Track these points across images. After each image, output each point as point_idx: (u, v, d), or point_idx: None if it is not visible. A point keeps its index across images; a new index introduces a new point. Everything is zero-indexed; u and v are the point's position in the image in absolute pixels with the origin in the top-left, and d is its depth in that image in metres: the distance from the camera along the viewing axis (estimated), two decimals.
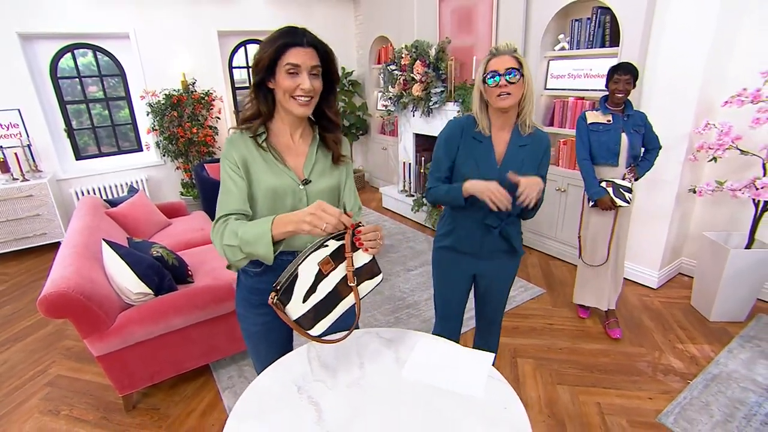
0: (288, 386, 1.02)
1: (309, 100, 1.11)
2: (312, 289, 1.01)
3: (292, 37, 1.07)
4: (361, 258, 1.07)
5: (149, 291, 2.08)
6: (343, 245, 1.04)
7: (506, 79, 1.38)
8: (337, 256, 1.04)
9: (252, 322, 1.28)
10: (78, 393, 2.27)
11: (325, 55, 1.13)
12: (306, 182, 1.17)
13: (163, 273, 2.19)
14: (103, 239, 2.14)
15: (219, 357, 2.29)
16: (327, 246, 1.02)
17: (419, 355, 1.10)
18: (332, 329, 1.10)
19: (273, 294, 0.99)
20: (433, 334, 1.40)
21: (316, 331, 1.02)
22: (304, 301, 1.01)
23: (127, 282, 2.04)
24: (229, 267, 1.13)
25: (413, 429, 0.88)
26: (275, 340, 1.31)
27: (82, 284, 1.85)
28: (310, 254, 1.01)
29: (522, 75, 1.39)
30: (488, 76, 1.41)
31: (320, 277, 1.02)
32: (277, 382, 1.04)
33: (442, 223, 1.71)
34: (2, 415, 2.13)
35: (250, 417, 0.94)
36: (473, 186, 1.41)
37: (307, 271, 1.01)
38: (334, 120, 1.22)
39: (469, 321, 2.36)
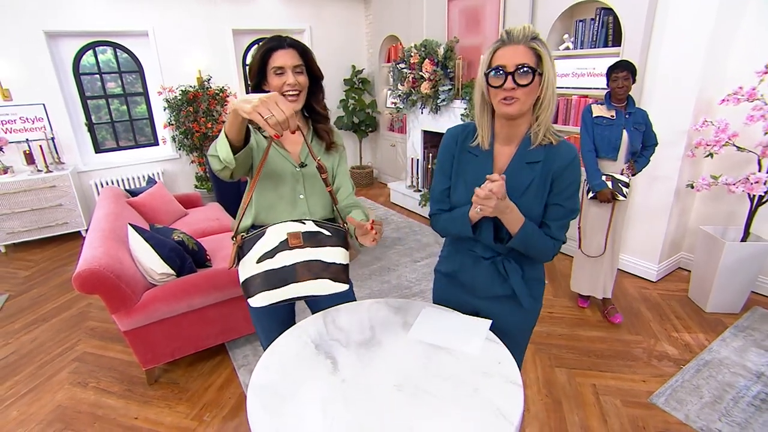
0: (306, 344, 1.15)
1: (297, 94, 1.26)
2: (270, 254, 1.08)
3: (275, 42, 1.24)
4: (334, 255, 1.14)
5: (172, 272, 2.22)
6: (320, 233, 1.11)
7: (514, 80, 1.01)
8: (311, 239, 1.11)
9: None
10: (104, 368, 2.43)
11: (305, 54, 1.27)
12: (302, 165, 1.32)
13: (185, 256, 2.33)
14: (129, 223, 2.29)
15: (235, 336, 2.43)
16: (305, 224, 1.11)
17: (424, 319, 1.23)
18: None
19: (239, 237, 1.08)
20: None
21: (255, 301, 1.09)
22: (258, 261, 1.08)
23: (152, 263, 2.18)
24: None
25: (417, 377, 1.01)
26: (277, 316, 1.46)
27: (112, 264, 2.00)
28: (284, 222, 1.10)
29: (539, 74, 1.03)
30: (492, 72, 1.04)
31: (283, 246, 1.09)
32: (297, 342, 1.17)
33: (444, 244, 1.40)
34: (36, 385, 2.29)
35: (274, 369, 1.07)
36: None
37: (273, 234, 1.09)
38: (322, 113, 1.38)
39: None
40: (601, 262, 2.64)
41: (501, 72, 1.02)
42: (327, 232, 1.14)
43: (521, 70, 1.00)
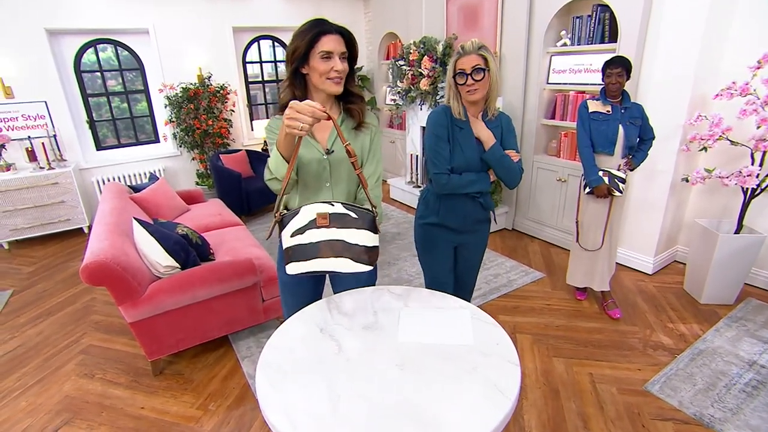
0: (312, 328, 1.19)
1: (341, 79, 1.30)
2: (300, 231, 1.19)
3: (322, 26, 1.26)
4: (358, 237, 1.20)
5: (177, 265, 2.26)
6: (348, 215, 1.19)
7: (473, 78, 1.54)
8: (337, 220, 1.18)
9: (285, 272, 1.47)
10: (109, 360, 2.47)
11: (350, 41, 1.30)
12: (329, 152, 1.35)
13: (189, 249, 2.37)
14: (134, 218, 2.33)
15: (239, 328, 2.47)
16: (333, 206, 1.19)
17: (406, 321, 1.21)
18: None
19: (279, 214, 1.19)
20: None
21: (289, 268, 1.20)
22: (291, 236, 1.20)
23: (157, 256, 2.22)
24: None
25: (418, 357, 1.05)
26: (302, 293, 1.52)
27: (118, 256, 2.04)
28: (315, 203, 1.20)
29: (488, 70, 1.54)
30: (457, 75, 1.58)
31: (311, 225, 1.19)
32: (303, 325, 1.21)
33: (426, 203, 1.87)
34: (43, 377, 2.34)
35: (281, 349, 1.11)
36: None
37: (305, 213, 1.19)
38: (357, 93, 1.40)
39: None
40: (598, 255, 2.68)
41: (463, 74, 1.56)
42: (354, 215, 1.20)
43: (476, 71, 1.54)
